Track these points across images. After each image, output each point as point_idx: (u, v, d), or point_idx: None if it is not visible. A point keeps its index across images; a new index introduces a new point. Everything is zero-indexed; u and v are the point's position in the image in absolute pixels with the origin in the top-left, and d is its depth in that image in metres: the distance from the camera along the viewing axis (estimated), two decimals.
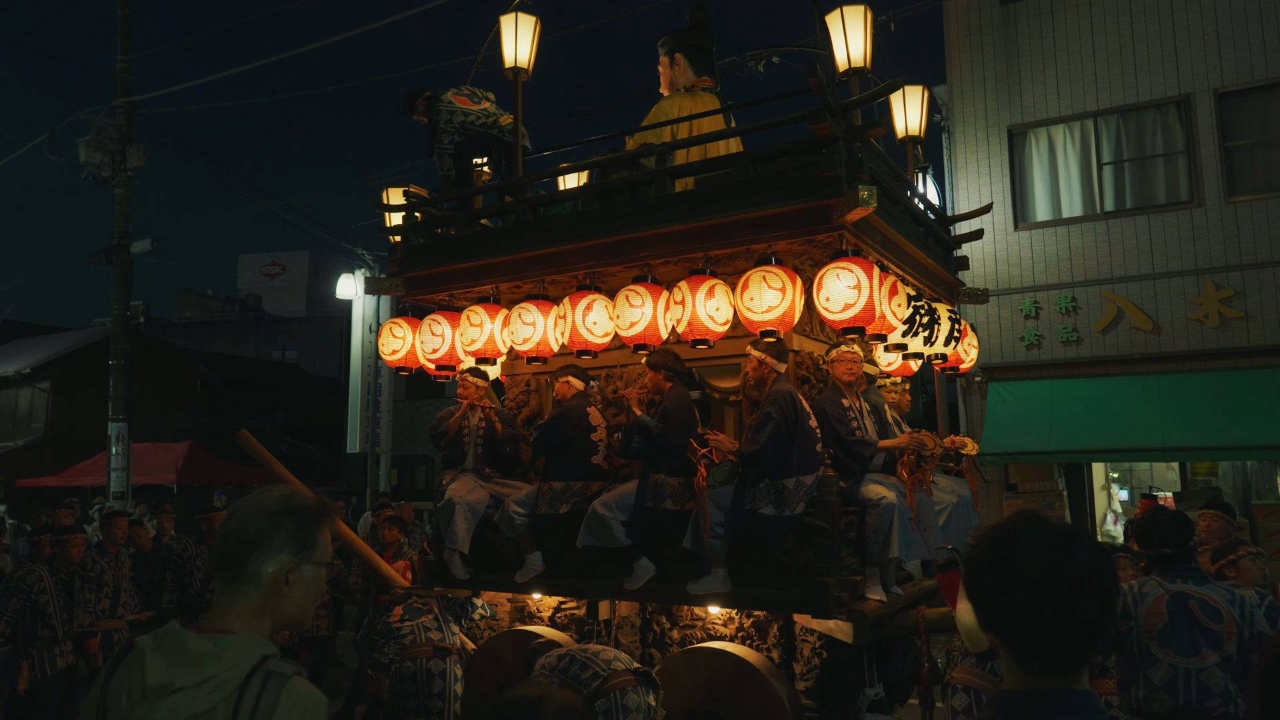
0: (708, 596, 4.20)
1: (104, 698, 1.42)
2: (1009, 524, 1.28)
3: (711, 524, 4.05)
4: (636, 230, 4.48)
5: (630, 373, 5.03)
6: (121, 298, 12.24)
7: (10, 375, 20.49)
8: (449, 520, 4.80)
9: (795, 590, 4.04)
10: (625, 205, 4.63)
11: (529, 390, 5.46)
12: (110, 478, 11.98)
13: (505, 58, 5.25)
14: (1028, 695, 1.23)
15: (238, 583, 1.48)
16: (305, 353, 30.49)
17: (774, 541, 4.11)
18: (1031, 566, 1.21)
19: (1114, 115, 10.41)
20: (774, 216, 4.13)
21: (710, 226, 4.29)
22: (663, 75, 5.45)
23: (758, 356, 4.24)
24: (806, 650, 4.37)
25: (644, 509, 4.29)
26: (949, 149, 11.20)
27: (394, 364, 5.53)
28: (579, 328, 4.47)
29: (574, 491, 4.58)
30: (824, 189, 3.99)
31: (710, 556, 4.14)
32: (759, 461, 4.01)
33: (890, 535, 4.10)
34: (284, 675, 1.40)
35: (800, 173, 4.11)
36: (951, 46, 11.18)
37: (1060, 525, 1.29)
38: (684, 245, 4.38)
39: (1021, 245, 10.60)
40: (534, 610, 5.26)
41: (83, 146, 11.86)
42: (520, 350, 4.79)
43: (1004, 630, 1.24)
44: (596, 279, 4.70)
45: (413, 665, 4.57)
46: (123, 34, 12.44)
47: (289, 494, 1.54)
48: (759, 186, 4.19)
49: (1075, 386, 10.02)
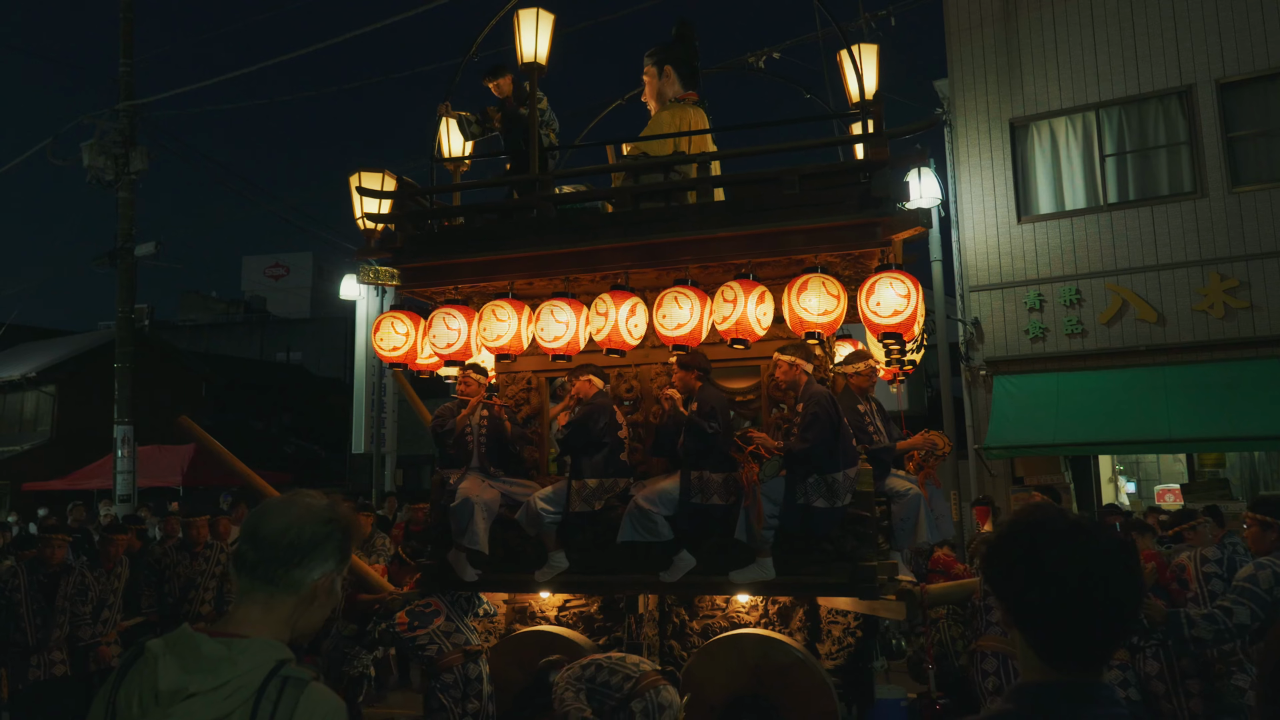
0: (753, 585, 4.48)
1: (113, 703, 1.37)
2: (1029, 515, 1.27)
3: (764, 516, 4.34)
4: (677, 234, 4.64)
5: (646, 372, 5.10)
6: (126, 301, 12.28)
7: (16, 379, 20.55)
8: (468, 520, 4.66)
9: (842, 575, 4.39)
10: (665, 209, 4.80)
11: (529, 388, 5.38)
12: (116, 480, 12.01)
13: (521, 53, 5.20)
14: (1048, 687, 1.21)
15: (273, 587, 1.43)
16: (310, 354, 30.55)
17: (825, 532, 4.42)
18: (1054, 558, 1.20)
19: (1116, 107, 10.37)
20: (824, 230, 4.47)
21: (758, 235, 4.54)
22: (649, 85, 5.53)
23: (788, 360, 4.54)
24: (836, 631, 4.79)
25: (690, 505, 4.46)
26: (951, 143, 11.17)
27: (390, 359, 5.14)
28: (621, 328, 4.53)
29: (606, 488, 4.67)
30: (874, 207, 4.38)
31: (760, 547, 4.42)
32: (809, 458, 4.33)
33: (918, 522, 4.64)
34: (302, 680, 1.37)
35: (847, 191, 4.49)
36: (952, 40, 11.15)
37: (1081, 516, 1.28)
38: (729, 252, 4.59)
39: (1025, 238, 10.58)
40: (537, 610, 5.20)
41: (86, 150, 11.89)
42: (547, 347, 4.73)
43: (1026, 622, 1.23)
44: (628, 280, 4.77)
45: (452, 675, 4.52)
46: (125, 38, 12.46)
47: (332, 502, 1.50)
48: (807, 200, 4.51)
49: (1081, 379, 10.00)
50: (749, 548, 4.44)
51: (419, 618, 4.71)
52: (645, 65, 5.53)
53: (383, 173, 5.37)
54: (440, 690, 4.52)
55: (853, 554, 4.40)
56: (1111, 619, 1.20)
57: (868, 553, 4.41)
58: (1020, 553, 1.23)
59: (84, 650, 5.49)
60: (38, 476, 18.58)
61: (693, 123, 5.22)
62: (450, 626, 4.71)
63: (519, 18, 5.20)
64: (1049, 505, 1.30)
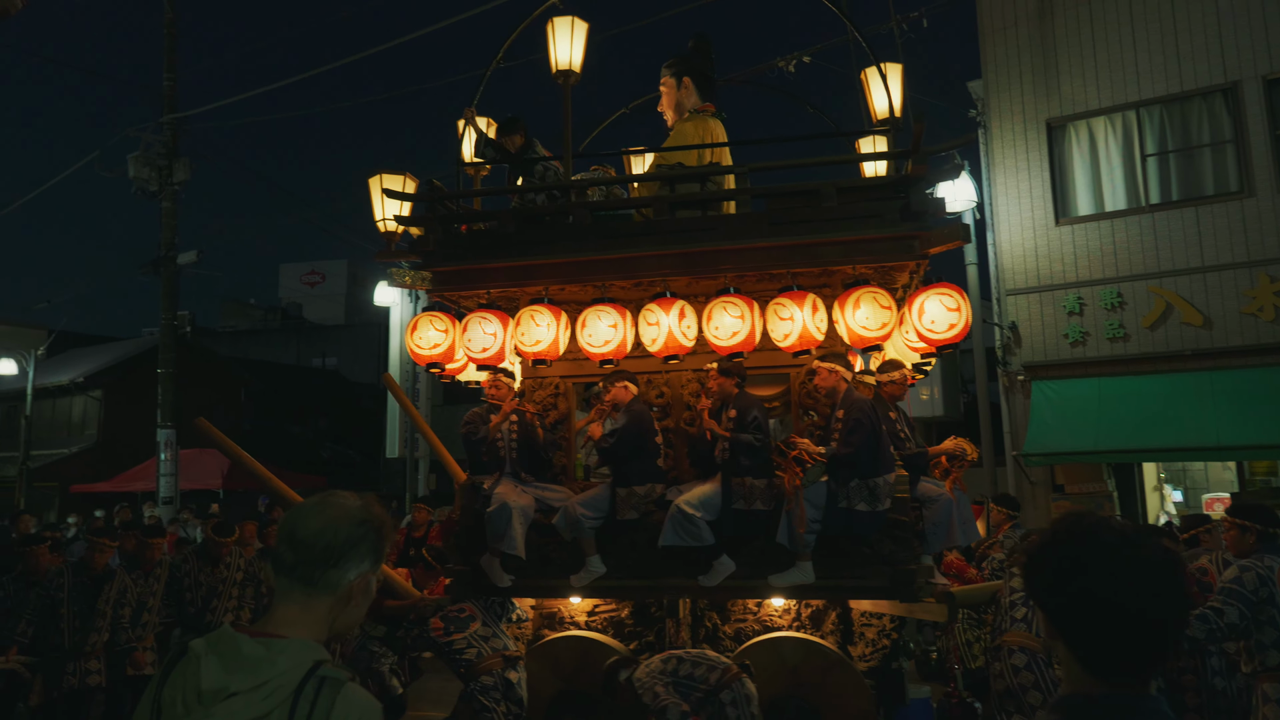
0: (793, 589, 4.54)
1: (158, 701, 1.41)
2: (1073, 524, 1.24)
3: (807, 520, 4.43)
4: (716, 243, 4.68)
5: (676, 379, 5.14)
6: (169, 308, 12.58)
7: (65, 384, 21.15)
8: (506, 525, 4.64)
9: (881, 579, 4.49)
10: (702, 218, 4.86)
11: (557, 393, 5.35)
12: (159, 483, 12.29)
13: (553, 61, 5.23)
14: (1095, 700, 1.19)
15: (311, 588, 1.45)
16: (345, 359, 30.99)
17: (867, 535, 4.51)
18: (1101, 568, 1.17)
19: (1157, 105, 10.14)
20: (861, 242, 4.56)
21: (796, 246, 4.61)
22: (667, 96, 5.59)
23: (828, 367, 4.62)
24: (869, 634, 4.89)
25: (734, 511, 4.52)
26: (986, 145, 11.01)
27: (427, 359, 5.04)
28: (676, 333, 4.58)
29: (652, 495, 4.73)
30: (911, 221, 4.50)
31: (801, 551, 4.48)
32: (853, 463, 4.42)
33: (951, 525, 4.74)
34: (339, 681, 1.39)
35: (884, 204, 4.58)
36: (986, 40, 10.99)
37: (1127, 525, 1.25)
38: (767, 262, 4.66)
39: (1064, 240, 10.38)
40: (565, 616, 5.18)
41: (132, 162, 12.23)
42: (595, 353, 4.73)
43: (1071, 634, 1.20)
44: (667, 287, 4.83)
45: (491, 679, 4.49)
46: (168, 54, 12.79)
47: (365, 502, 1.52)
48: (843, 213, 4.61)
49: (1123, 384, 9.77)
50: (786, 552, 4.49)
51: (454, 622, 4.67)
52: (664, 76, 5.57)
53: (404, 175, 5.37)
54: (479, 693, 4.48)
55: (891, 557, 4.50)
56: (1161, 631, 1.16)
57: (906, 556, 4.49)
58: (1065, 564, 1.20)
59: (120, 654, 5.55)
60: (85, 479, 19.09)
61: (714, 133, 5.32)
62: (487, 631, 4.68)
63: (553, 25, 5.22)
64: (1091, 513, 1.27)
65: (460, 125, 5.65)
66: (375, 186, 5.42)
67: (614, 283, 4.89)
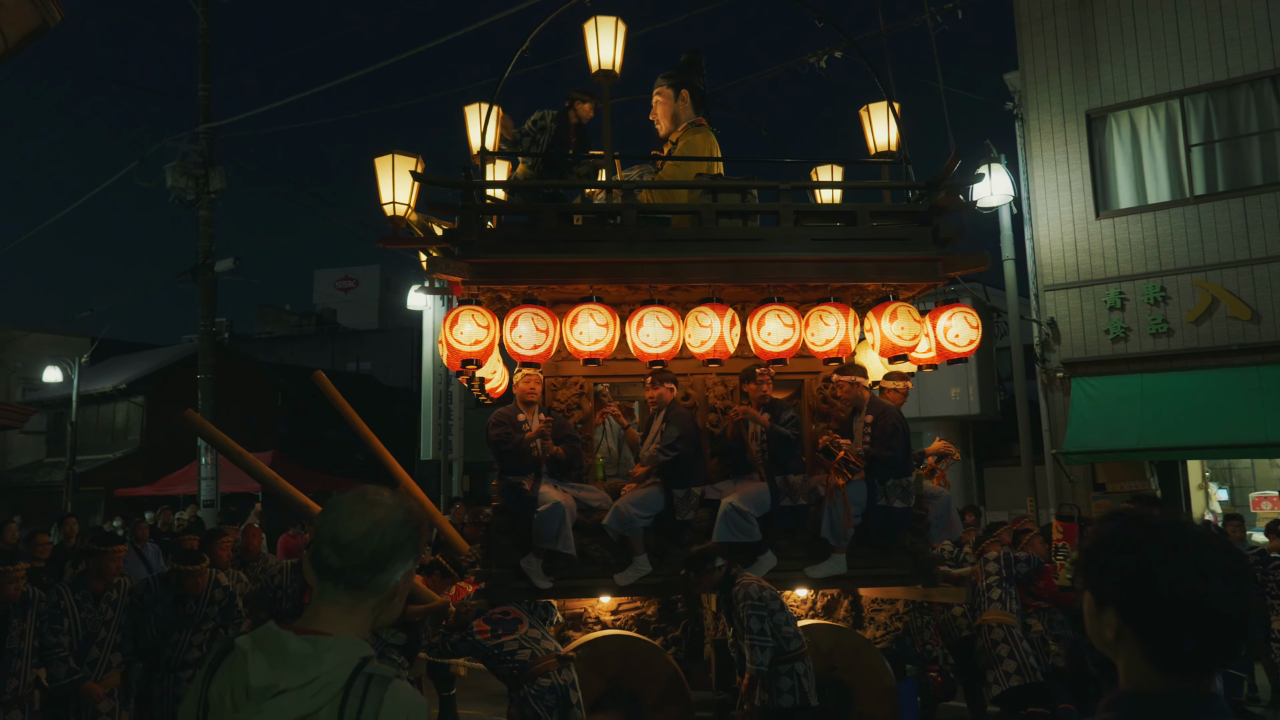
0: (830, 579, 4.96)
1: (205, 697, 1.41)
2: (1137, 516, 1.21)
3: (851, 516, 4.86)
4: (761, 254, 5.01)
5: (700, 381, 5.29)
6: (208, 315, 12.80)
7: (108, 391, 21.66)
8: (559, 525, 4.62)
9: (904, 567, 5.00)
10: (757, 229, 5.17)
11: (581, 393, 5.34)
12: (200, 486, 12.53)
13: (591, 62, 5.30)
14: (1157, 696, 1.15)
15: (360, 591, 1.45)
16: (378, 364, 31.33)
17: (903, 529, 4.96)
18: (1170, 561, 1.14)
19: (1202, 94, 9.87)
20: (893, 262, 5.03)
21: (835, 262, 5.02)
22: (663, 106, 5.75)
23: (849, 380, 5.06)
24: (880, 618, 5.46)
25: (780, 507, 4.84)
26: (1023, 137, 10.80)
27: (465, 355, 4.74)
28: (726, 338, 4.77)
29: (703, 495, 4.94)
30: (940, 245, 5.03)
31: (839, 544, 4.91)
32: (892, 464, 4.87)
33: (950, 520, 5.34)
34: (386, 678, 1.38)
35: (911, 228, 5.12)
36: (1023, 30, 10.79)
37: (1188, 519, 1.22)
38: (810, 274, 5.00)
39: (1104, 234, 10.14)
40: (591, 616, 5.20)
41: (169, 172, 12.45)
42: (651, 353, 4.80)
43: (1138, 626, 1.16)
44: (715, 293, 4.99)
45: (548, 680, 4.33)
46: (203, 65, 13.02)
47: (400, 499, 1.51)
48: (876, 235, 5.10)
49: (1166, 380, 9.52)
50: (815, 546, 4.92)
51: (501, 625, 4.51)
52: (659, 87, 5.75)
53: (416, 157, 5.08)
54: (535, 698, 4.29)
55: (912, 548, 5.03)
56: (1238, 627, 1.13)
57: (924, 546, 5.05)
58: (1130, 559, 1.17)
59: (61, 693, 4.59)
60: (128, 483, 19.50)
61: (715, 147, 5.69)
62: (536, 633, 4.54)
63: (595, 24, 5.27)
64: (1147, 509, 1.23)
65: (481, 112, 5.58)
66: (384, 167, 5.05)
67: (659, 285, 4.96)
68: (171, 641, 4.83)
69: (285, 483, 4.75)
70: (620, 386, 5.78)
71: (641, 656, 4.80)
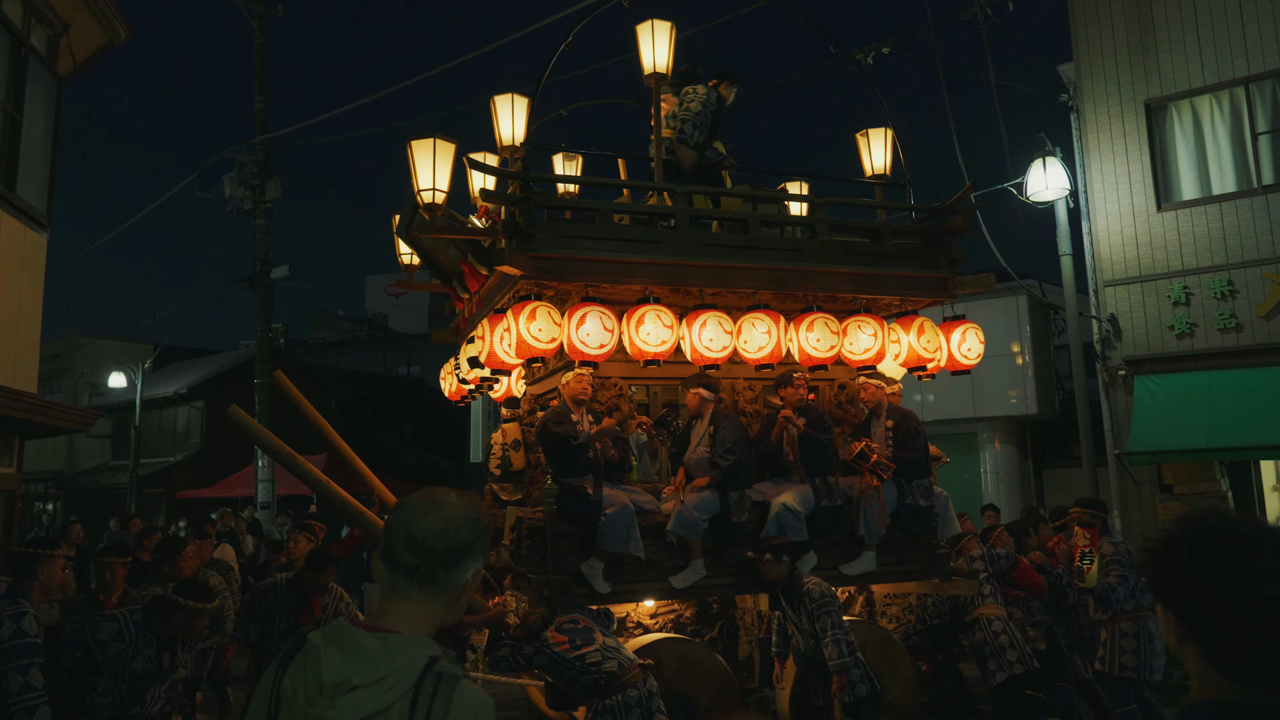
0: (862, 575, 5.26)
1: (277, 691, 1.43)
2: (1205, 521, 1.16)
3: (886, 515, 5.18)
4: (803, 264, 5.28)
5: (729, 386, 5.47)
6: (264, 321, 13.14)
7: (170, 395, 22.39)
8: (629, 527, 4.57)
9: (921, 562, 5.41)
10: (797, 240, 5.51)
11: (619, 395, 5.34)
12: (258, 489, 12.86)
13: (644, 65, 5.42)
14: (1228, 707, 1.11)
15: (433, 588, 1.47)
16: (429, 368, 31.79)
17: (928, 526, 5.35)
18: (1244, 569, 1.09)
19: (1269, 80, 9.48)
20: (913, 277, 5.52)
21: (865, 275, 5.40)
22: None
23: (875, 384, 5.44)
24: (893, 611, 5.94)
25: (822, 507, 5.06)
26: (1079, 130, 10.50)
27: (539, 353, 4.58)
28: (782, 343, 5.03)
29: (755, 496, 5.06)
30: (951, 265, 5.58)
31: (872, 542, 5.21)
32: (918, 465, 5.27)
33: (950, 518, 5.64)
34: (455, 677, 1.39)
35: (927, 249, 5.62)
36: (1077, 19, 10.49)
37: (1261, 521, 1.17)
38: (843, 285, 5.37)
39: (1166, 227, 9.80)
40: (632, 620, 5.18)
41: (227, 183, 12.84)
42: (712, 357, 4.84)
43: (1210, 635, 1.12)
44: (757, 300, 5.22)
45: (637, 692, 4.10)
46: (259, 78, 13.38)
47: (468, 499, 1.53)
48: (898, 252, 5.54)
49: (1236, 377, 9.15)
50: (847, 544, 5.23)
51: (577, 634, 4.26)
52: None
53: (453, 142, 4.87)
54: (623, 710, 4.06)
55: (925, 544, 5.44)
56: None
57: (935, 543, 5.46)
58: (1200, 564, 1.12)
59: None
60: (189, 485, 20.12)
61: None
62: (612, 642, 4.32)
63: (651, 28, 5.35)
64: (1226, 509, 1.17)
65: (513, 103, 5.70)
66: (422, 151, 4.73)
67: (707, 290, 5.06)
68: (86, 684, 3.44)
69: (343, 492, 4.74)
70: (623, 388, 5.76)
71: (696, 659, 4.82)
